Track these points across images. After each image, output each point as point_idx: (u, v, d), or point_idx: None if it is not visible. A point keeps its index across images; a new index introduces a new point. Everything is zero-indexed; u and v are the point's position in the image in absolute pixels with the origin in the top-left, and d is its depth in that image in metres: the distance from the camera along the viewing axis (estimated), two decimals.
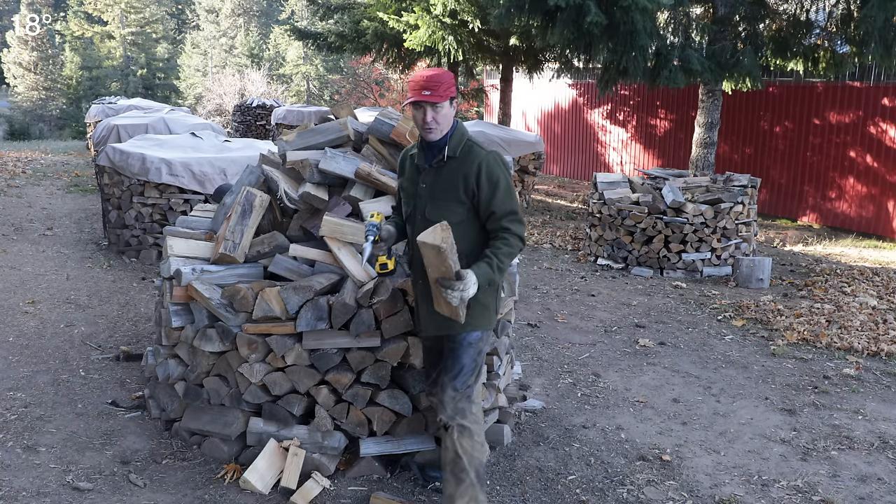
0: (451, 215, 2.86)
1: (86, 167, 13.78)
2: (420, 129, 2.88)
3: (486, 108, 19.54)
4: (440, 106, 2.82)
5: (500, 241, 2.84)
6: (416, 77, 2.84)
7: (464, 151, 2.89)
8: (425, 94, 2.78)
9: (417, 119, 2.86)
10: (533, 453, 3.67)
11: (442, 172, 2.90)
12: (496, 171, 2.86)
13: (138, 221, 7.13)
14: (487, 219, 2.88)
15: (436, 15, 12.18)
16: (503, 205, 2.86)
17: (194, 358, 3.49)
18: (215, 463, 3.41)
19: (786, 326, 5.82)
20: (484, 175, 2.84)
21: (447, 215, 2.85)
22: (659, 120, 14.39)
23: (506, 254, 2.82)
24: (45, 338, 5.02)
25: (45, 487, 3.19)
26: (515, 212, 2.87)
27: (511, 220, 2.86)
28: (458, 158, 2.88)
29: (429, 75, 2.81)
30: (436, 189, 2.90)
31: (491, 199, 2.85)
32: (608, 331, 5.71)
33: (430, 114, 2.82)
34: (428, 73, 2.82)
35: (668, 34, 9.87)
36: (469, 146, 2.90)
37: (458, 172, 2.87)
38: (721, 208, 7.55)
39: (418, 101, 2.81)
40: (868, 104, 10.69)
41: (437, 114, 2.82)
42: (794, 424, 4.10)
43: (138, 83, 39.92)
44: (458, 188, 2.86)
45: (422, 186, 2.94)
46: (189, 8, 49.86)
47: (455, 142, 2.90)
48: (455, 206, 2.88)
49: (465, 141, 2.91)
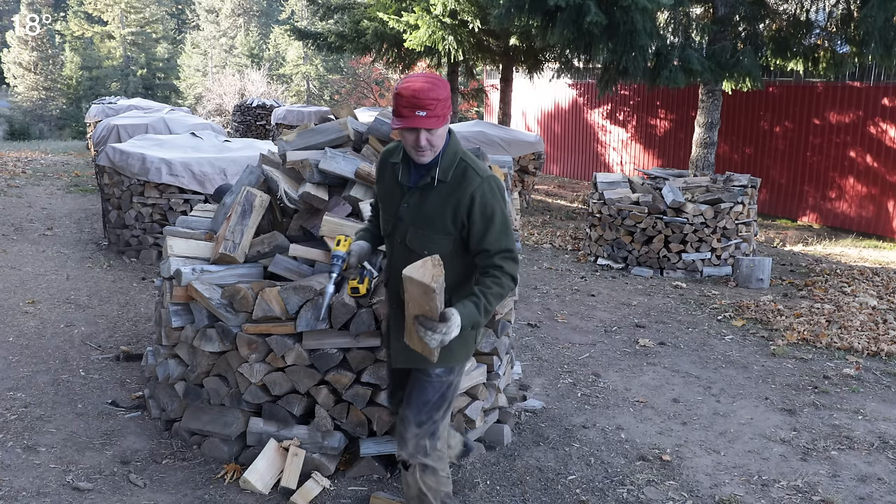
0: (434, 246, 2.49)
1: (86, 167, 13.78)
2: (409, 150, 2.45)
3: (486, 108, 19.55)
4: (437, 129, 2.39)
5: (491, 280, 2.45)
6: (407, 90, 2.33)
7: (456, 175, 2.47)
8: (420, 114, 2.33)
9: (407, 140, 2.41)
10: (533, 453, 3.67)
11: (428, 197, 2.48)
12: (491, 203, 2.46)
13: (138, 221, 7.13)
14: (478, 255, 2.50)
15: (436, 15, 12.19)
16: (497, 242, 2.47)
17: (194, 358, 3.49)
18: (215, 463, 3.41)
19: (786, 326, 5.82)
20: (478, 207, 2.44)
21: (430, 246, 2.48)
22: (659, 120, 14.39)
23: (495, 294, 2.44)
24: (45, 338, 5.02)
25: (45, 487, 3.19)
26: (511, 250, 2.49)
27: (505, 257, 2.48)
28: (450, 183, 2.47)
29: (424, 89, 2.32)
30: (420, 215, 2.50)
31: (484, 236, 2.46)
32: (608, 331, 5.71)
33: (425, 137, 2.38)
34: (422, 86, 2.33)
35: (668, 34, 9.87)
36: (463, 168, 2.48)
37: (447, 200, 2.46)
38: (721, 208, 7.55)
39: (410, 127, 2.36)
40: (868, 104, 10.69)
41: (433, 136, 2.39)
42: (794, 424, 4.10)
43: (138, 83, 39.92)
44: (445, 218, 2.47)
45: (403, 207, 2.52)
46: (189, 8, 49.87)
47: (447, 162, 2.48)
48: (440, 237, 2.49)
49: (458, 161, 2.49)
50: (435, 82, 2.36)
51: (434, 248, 2.47)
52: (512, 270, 2.49)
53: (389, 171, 2.60)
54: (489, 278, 2.46)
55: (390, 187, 2.58)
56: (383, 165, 2.65)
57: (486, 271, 2.48)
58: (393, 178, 2.58)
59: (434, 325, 2.30)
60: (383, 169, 2.65)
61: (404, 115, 2.35)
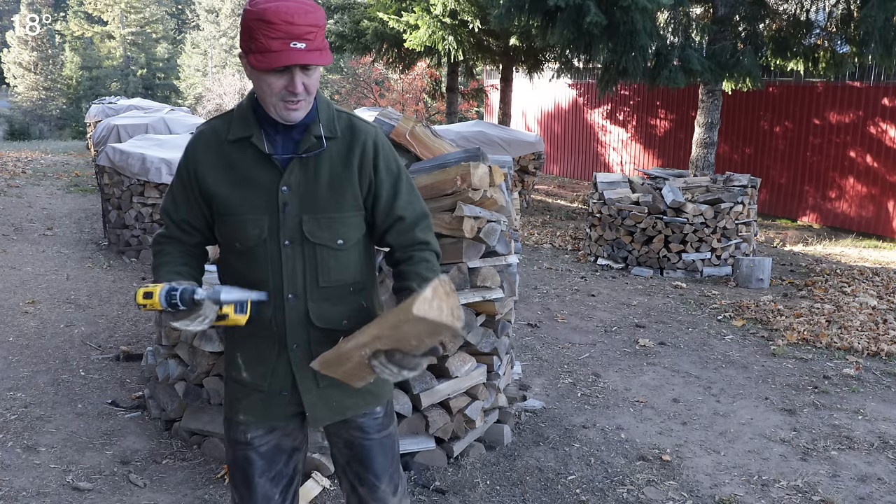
0: (348, 231, 1.84)
1: (86, 167, 13.78)
2: (273, 104, 1.73)
3: (486, 108, 19.55)
4: (316, 68, 1.73)
5: (423, 265, 1.85)
6: (275, 12, 1.63)
7: (344, 129, 1.85)
8: (297, 46, 1.65)
9: (274, 87, 1.70)
10: (533, 453, 3.67)
11: (320, 165, 1.80)
12: (394, 155, 1.90)
13: (138, 221, 7.13)
14: (390, 228, 1.88)
15: (436, 15, 12.19)
16: (412, 205, 1.90)
17: (194, 358, 3.49)
18: (215, 463, 3.41)
19: (786, 326, 5.82)
20: (382, 161, 1.86)
21: (343, 231, 1.83)
22: (659, 120, 14.39)
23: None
24: (45, 338, 5.02)
25: (45, 487, 3.19)
26: (427, 214, 1.94)
27: (425, 227, 1.91)
28: (342, 139, 1.84)
29: (300, 11, 1.65)
30: (315, 192, 1.80)
31: (395, 198, 1.87)
32: (608, 331, 5.71)
33: (301, 79, 1.70)
34: (296, 7, 1.65)
35: (668, 34, 9.88)
36: (346, 118, 1.87)
37: (347, 161, 1.82)
38: (721, 208, 7.55)
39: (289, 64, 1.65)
40: (868, 104, 10.69)
41: (311, 78, 1.73)
42: (794, 424, 4.10)
43: (138, 83, 39.92)
44: (352, 184, 1.83)
45: (284, 191, 1.79)
46: (189, 8, 49.87)
47: (326, 115, 1.83)
48: (352, 215, 1.84)
49: (334, 112, 1.86)
50: (310, 3, 1.69)
51: (349, 233, 1.84)
52: (436, 244, 1.92)
53: (235, 153, 1.80)
54: (420, 264, 1.85)
55: (248, 173, 1.80)
56: (213, 150, 1.82)
57: (409, 254, 1.88)
58: (250, 158, 1.80)
59: (416, 362, 1.69)
60: (216, 155, 1.82)
61: (273, 49, 1.64)
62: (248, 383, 1.91)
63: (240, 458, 1.95)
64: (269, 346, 1.87)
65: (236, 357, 1.93)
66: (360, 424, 1.96)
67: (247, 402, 1.92)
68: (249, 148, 1.80)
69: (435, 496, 3.24)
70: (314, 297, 1.84)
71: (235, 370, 1.94)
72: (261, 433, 1.92)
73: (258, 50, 1.66)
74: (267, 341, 1.87)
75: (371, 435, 1.97)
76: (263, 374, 1.89)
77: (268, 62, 1.65)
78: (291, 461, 1.99)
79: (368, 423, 1.97)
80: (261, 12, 1.64)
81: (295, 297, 1.83)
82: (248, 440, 1.92)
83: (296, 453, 2.00)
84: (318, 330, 1.86)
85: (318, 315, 1.85)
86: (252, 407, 1.91)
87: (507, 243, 3.66)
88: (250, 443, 1.93)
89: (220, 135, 1.83)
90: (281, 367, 1.87)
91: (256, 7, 1.66)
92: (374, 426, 1.97)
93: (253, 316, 1.80)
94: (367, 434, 1.97)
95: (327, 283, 1.85)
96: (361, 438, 1.97)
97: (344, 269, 1.87)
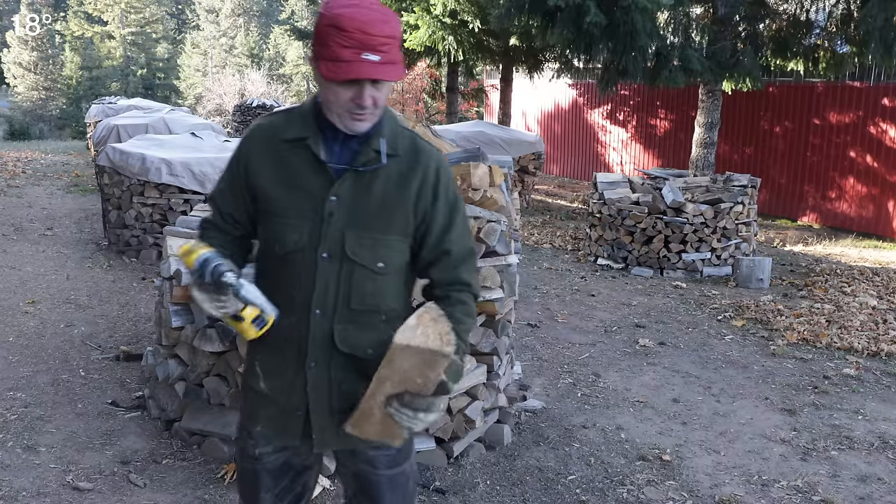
0: (391, 255, 1.74)
1: (86, 167, 13.78)
2: (339, 113, 1.65)
3: (486, 108, 19.55)
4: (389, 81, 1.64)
5: (459, 308, 1.76)
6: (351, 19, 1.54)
7: (406, 147, 1.74)
8: (369, 58, 1.56)
9: (341, 98, 1.62)
10: (533, 453, 3.66)
11: (375, 181, 1.71)
12: (453, 184, 1.81)
13: (138, 221, 7.13)
14: (435, 261, 1.78)
15: (436, 15, 12.20)
16: (461, 241, 1.79)
17: (194, 358, 3.49)
18: (215, 463, 3.41)
19: (786, 326, 5.82)
20: (443, 189, 1.75)
21: (384, 254, 1.72)
22: (659, 120, 14.39)
23: (467, 329, 1.79)
24: (45, 338, 5.02)
25: (45, 487, 3.19)
26: (474, 252, 1.85)
27: (468, 267, 1.81)
28: (403, 158, 1.73)
29: (376, 20, 1.57)
30: (364, 209, 1.70)
31: (447, 231, 1.77)
32: (608, 331, 5.71)
33: (371, 92, 1.62)
34: (373, 16, 1.57)
35: (668, 34, 9.88)
36: (410, 138, 1.77)
37: (405, 183, 1.72)
38: (721, 208, 7.55)
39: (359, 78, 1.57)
40: (868, 104, 10.69)
41: (380, 92, 1.64)
42: (794, 424, 4.10)
43: (138, 83, 39.93)
44: (405, 209, 1.72)
45: (332, 201, 1.69)
46: (189, 8, 49.89)
47: (391, 130, 1.73)
48: (397, 239, 1.74)
49: (399, 129, 1.76)
50: (387, 13, 1.61)
51: (391, 258, 1.74)
52: (477, 287, 1.84)
53: (289, 153, 1.73)
54: (457, 307, 1.76)
55: (298, 176, 1.72)
56: (267, 147, 1.76)
57: (448, 293, 1.78)
58: (303, 161, 1.71)
59: (427, 402, 1.62)
60: (269, 152, 1.76)
61: (345, 59, 1.55)
62: (265, 394, 1.82)
63: (247, 471, 1.90)
64: (288, 358, 1.77)
65: (255, 364, 1.84)
66: (370, 458, 1.85)
67: (266, 412, 1.83)
68: (304, 151, 1.71)
69: (435, 496, 3.24)
70: (342, 318, 1.73)
71: (253, 379, 1.84)
72: (269, 450, 1.85)
73: (328, 57, 1.57)
74: (286, 353, 1.77)
75: (380, 470, 1.87)
76: (282, 388, 1.79)
77: (337, 73, 1.56)
78: (300, 478, 1.92)
79: (379, 458, 1.85)
80: (335, 18, 1.56)
81: (321, 315, 1.72)
82: (257, 455, 1.86)
83: (306, 471, 1.93)
84: (340, 354, 1.74)
85: (343, 338, 1.74)
86: (269, 420, 1.82)
87: (507, 243, 3.66)
88: (259, 458, 1.86)
89: (277, 132, 1.75)
90: (298, 383, 1.77)
91: (331, 12, 1.57)
92: (384, 461, 1.86)
93: (265, 334, 1.73)
94: (376, 469, 1.86)
95: (359, 307, 1.73)
96: (370, 473, 1.87)
97: (379, 294, 1.75)
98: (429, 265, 1.79)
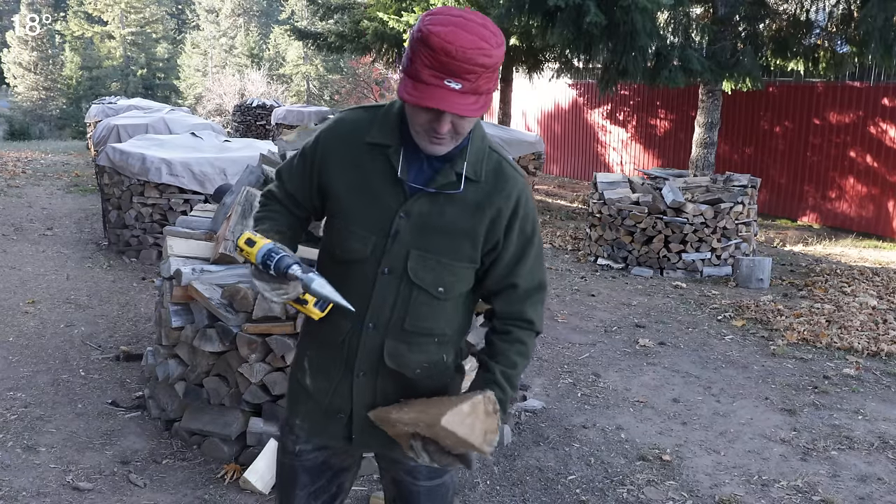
0: (454, 281, 1.66)
1: (86, 167, 13.79)
2: (418, 132, 1.56)
3: None
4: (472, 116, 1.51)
5: (516, 348, 1.71)
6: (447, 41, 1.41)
7: (489, 173, 1.65)
8: (452, 86, 1.44)
9: (419, 120, 1.52)
10: (533, 453, 3.67)
11: (450, 205, 1.62)
12: (534, 217, 1.70)
13: (138, 221, 7.13)
14: (500, 292, 1.71)
15: None
16: (533, 274, 1.71)
17: (194, 358, 3.49)
18: (215, 463, 3.41)
19: (786, 326, 5.82)
20: (520, 221, 1.66)
21: (447, 279, 1.65)
22: (659, 120, 14.39)
23: (519, 374, 1.72)
24: (45, 338, 5.02)
25: (45, 487, 3.19)
26: (544, 287, 1.75)
27: (537, 301, 1.73)
28: (482, 185, 1.63)
29: (476, 49, 1.42)
30: (433, 232, 1.62)
31: (518, 263, 1.68)
32: (608, 331, 5.71)
33: (450, 119, 1.51)
34: (475, 43, 1.42)
35: (668, 34, 9.88)
36: (496, 162, 1.67)
37: (480, 211, 1.63)
38: (721, 208, 7.55)
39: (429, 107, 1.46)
40: (868, 104, 10.69)
41: (463, 123, 1.53)
42: (794, 424, 4.10)
43: (138, 83, 39.93)
44: (476, 237, 1.64)
45: (401, 218, 1.62)
46: (189, 8, 49.88)
47: (476, 153, 1.64)
48: (464, 266, 1.66)
49: (485, 150, 1.66)
50: (489, 38, 1.45)
51: (454, 284, 1.67)
52: (540, 324, 1.74)
53: (367, 157, 1.64)
54: (514, 345, 1.70)
55: (372, 185, 1.64)
56: (348, 147, 1.66)
57: (508, 328, 1.71)
58: (380, 171, 1.63)
59: (447, 461, 1.61)
60: (348, 153, 1.66)
61: (423, 80, 1.44)
62: (310, 391, 1.80)
63: (286, 466, 1.89)
64: (337, 363, 1.75)
65: (304, 359, 1.82)
66: (411, 468, 1.83)
67: (306, 407, 1.82)
68: (384, 160, 1.62)
69: None
70: (394, 335, 1.69)
71: (301, 372, 1.83)
72: (309, 448, 1.84)
73: (410, 75, 1.47)
74: (336, 358, 1.75)
75: (420, 481, 1.84)
76: (326, 390, 1.77)
77: (410, 95, 1.46)
78: (337, 479, 1.90)
79: (420, 469, 1.82)
80: (426, 34, 1.43)
81: (374, 329, 1.68)
82: (297, 452, 1.85)
83: (343, 473, 1.91)
84: (387, 369, 1.71)
85: (393, 355, 1.70)
86: (310, 415, 1.81)
87: None
88: (298, 454, 1.85)
89: (360, 131, 1.66)
90: (344, 388, 1.75)
91: (426, 26, 1.44)
92: (424, 472, 1.84)
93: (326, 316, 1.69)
94: (416, 479, 1.84)
95: (413, 328, 1.69)
96: (410, 483, 1.85)
97: (436, 318, 1.70)
98: (493, 294, 1.73)
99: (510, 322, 1.71)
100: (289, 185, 1.78)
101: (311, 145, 1.74)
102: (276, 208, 1.79)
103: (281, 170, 1.82)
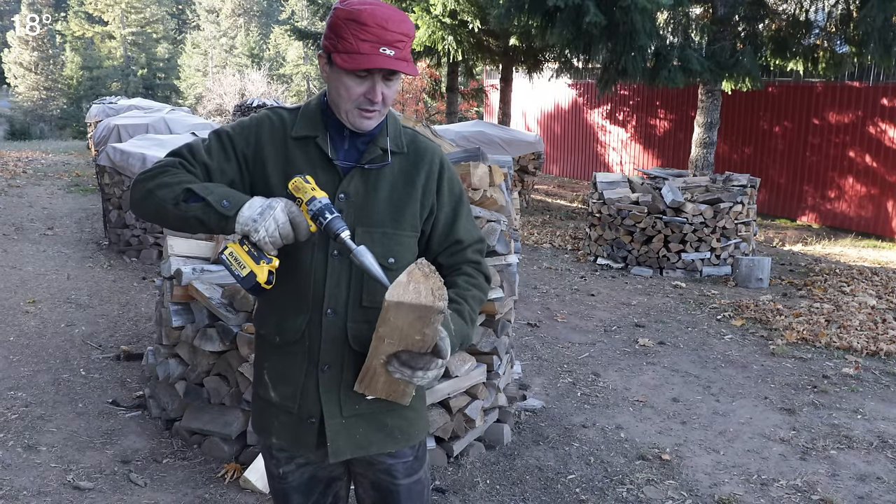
0: (401, 250, 1.75)
1: (86, 167, 13.79)
2: (347, 109, 1.67)
3: (486, 108, 19.56)
4: (397, 79, 1.68)
5: (465, 280, 1.80)
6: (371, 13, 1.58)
7: (411, 145, 1.79)
8: (386, 53, 1.59)
9: (353, 93, 1.64)
10: (533, 453, 3.67)
11: (381, 178, 1.73)
12: (457, 178, 1.86)
13: (139, 221, 7.13)
14: (444, 250, 1.82)
15: (436, 15, 12.19)
16: (470, 231, 1.84)
17: (194, 357, 3.50)
18: (216, 462, 3.42)
19: (785, 326, 5.82)
20: (446, 184, 1.81)
21: (396, 251, 1.74)
22: (658, 120, 14.40)
23: (477, 300, 1.81)
24: (45, 337, 5.03)
25: (45, 487, 3.20)
26: (483, 240, 1.89)
27: (478, 249, 1.86)
28: (407, 155, 1.78)
29: (395, 18, 1.60)
30: (372, 206, 1.72)
31: (454, 222, 1.82)
32: (608, 330, 5.72)
33: (381, 88, 1.65)
34: (391, 13, 1.61)
35: (667, 34, 9.89)
36: (411, 135, 1.82)
37: (411, 179, 1.76)
38: (720, 208, 7.56)
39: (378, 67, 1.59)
40: (867, 104, 10.70)
41: (390, 90, 1.67)
42: (794, 424, 4.11)
43: (139, 83, 39.92)
44: (413, 204, 1.75)
45: (340, 199, 1.70)
46: (189, 8, 49.89)
47: (393, 128, 1.78)
48: (407, 234, 1.76)
49: (399, 126, 1.81)
50: (402, 12, 1.66)
51: (402, 253, 1.74)
52: (486, 268, 1.88)
53: (297, 150, 1.72)
54: (462, 277, 1.81)
55: (306, 172, 1.69)
56: (277, 140, 1.73)
57: (457, 268, 1.82)
58: (311, 158, 1.71)
59: (426, 360, 1.59)
60: (278, 146, 1.72)
61: (362, 51, 1.58)
62: (276, 403, 1.78)
63: (277, 491, 1.89)
64: (298, 363, 1.73)
65: (262, 373, 1.81)
66: (388, 467, 1.84)
67: (278, 423, 1.78)
68: (313, 148, 1.71)
69: (435, 495, 3.24)
70: (355, 316, 1.72)
71: (262, 388, 1.81)
72: (293, 468, 1.83)
73: (345, 50, 1.59)
74: (297, 357, 1.73)
75: (399, 480, 1.85)
76: (292, 395, 1.75)
77: (355, 63, 1.58)
78: (330, 490, 1.90)
79: (397, 467, 1.84)
80: (354, 13, 1.59)
81: (334, 314, 1.71)
82: (281, 474, 1.84)
83: (335, 482, 1.91)
84: (354, 353, 1.72)
85: (356, 336, 1.71)
86: (283, 430, 1.78)
87: (507, 243, 3.67)
88: (283, 477, 1.84)
89: (286, 127, 1.73)
90: (310, 387, 1.73)
91: (349, 6, 1.60)
92: (402, 470, 1.85)
93: (281, 314, 1.71)
94: (395, 478, 1.85)
95: (370, 304, 1.71)
96: (389, 482, 1.85)
97: None
98: (438, 255, 1.82)
99: (456, 267, 1.82)
100: (205, 158, 1.70)
101: (237, 131, 1.74)
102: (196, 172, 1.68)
103: (189, 145, 1.74)
